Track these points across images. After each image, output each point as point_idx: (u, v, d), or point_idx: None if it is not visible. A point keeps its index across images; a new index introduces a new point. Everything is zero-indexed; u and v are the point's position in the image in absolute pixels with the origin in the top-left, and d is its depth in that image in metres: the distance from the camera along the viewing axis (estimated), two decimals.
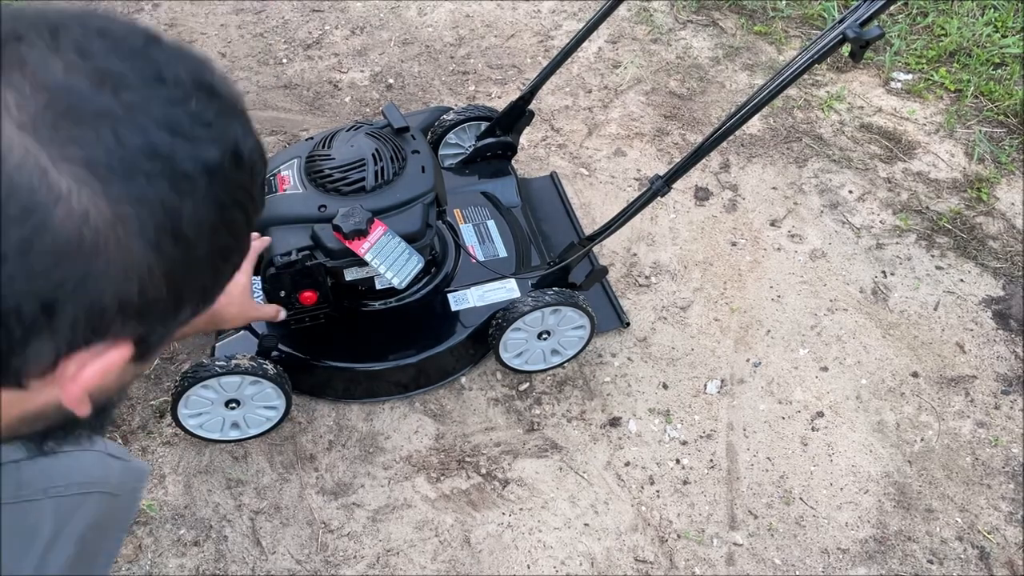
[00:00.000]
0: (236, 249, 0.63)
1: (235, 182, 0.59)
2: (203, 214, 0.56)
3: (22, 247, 0.49)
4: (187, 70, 0.57)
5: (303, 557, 1.84)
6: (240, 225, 0.61)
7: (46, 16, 0.54)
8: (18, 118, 0.50)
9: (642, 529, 1.92)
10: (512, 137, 2.32)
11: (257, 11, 3.06)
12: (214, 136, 0.57)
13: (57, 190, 0.50)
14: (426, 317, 2.02)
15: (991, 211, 2.55)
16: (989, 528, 1.96)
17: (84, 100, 0.52)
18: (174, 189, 0.54)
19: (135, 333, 0.58)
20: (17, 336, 0.52)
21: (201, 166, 0.55)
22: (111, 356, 0.58)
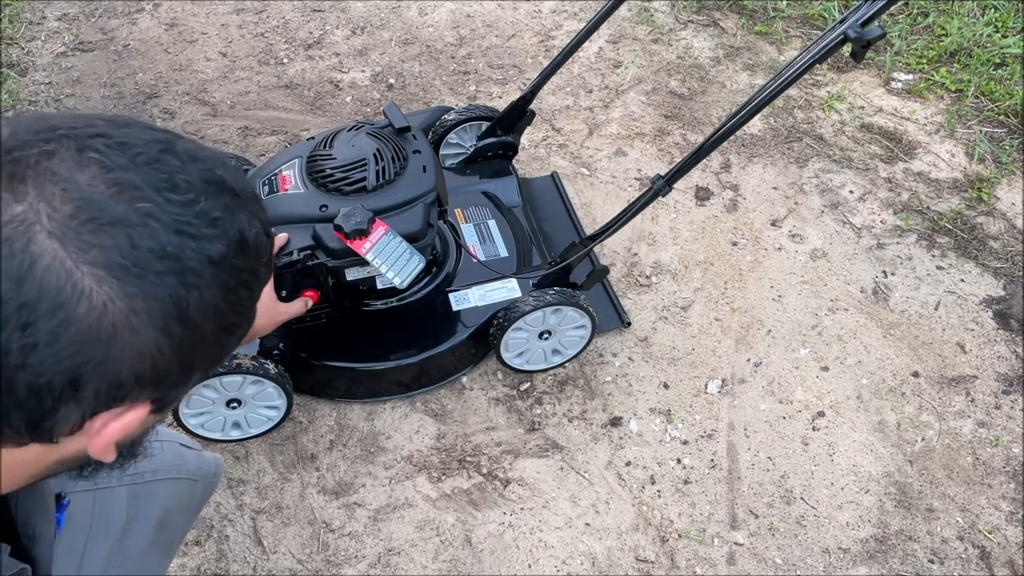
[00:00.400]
0: (241, 323, 0.72)
1: (240, 267, 0.68)
2: (208, 300, 0.66)
3: (51, 337, 0.60)
4: (198, 171, 0.66)
5: (304, 557, 1.85)
6: (245, 303, 0.71)
7: (75, 131, 0.64)
8: (49, 227, 0.60)
9: (643, 529, 1.92)
10: (513, 137, 2.32)
11: (258, 11, 3.06)
12: (220, 231, 0.66)
13: (80, 289, 0.60)
14: (427, 317, 2.03)
15: (992, 211, 2.55)
16: (990, 528, 1.96)
17: (104, 210, 0.61)
18: (181, 283, 0.63)
19: (151, 397, 0.68)
20: (48, 405, 0.62)
21: (206, 260, 0.64)
22: (130, 416, 0.68)
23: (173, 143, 0.67)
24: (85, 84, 2.78)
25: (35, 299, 0.59)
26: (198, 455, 1.32)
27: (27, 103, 2.69)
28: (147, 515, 1.20)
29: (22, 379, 0.61)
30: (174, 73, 2.84)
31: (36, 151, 0.62)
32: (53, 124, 0.64)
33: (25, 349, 0.60)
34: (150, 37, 2.95)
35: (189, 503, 1.31)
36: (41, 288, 0.59)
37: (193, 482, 1.29)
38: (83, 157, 0.63)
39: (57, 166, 0.62)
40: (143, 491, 1.20)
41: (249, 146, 2.62)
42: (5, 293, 0.59)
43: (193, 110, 2.72)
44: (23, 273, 0.59)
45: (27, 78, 2.78)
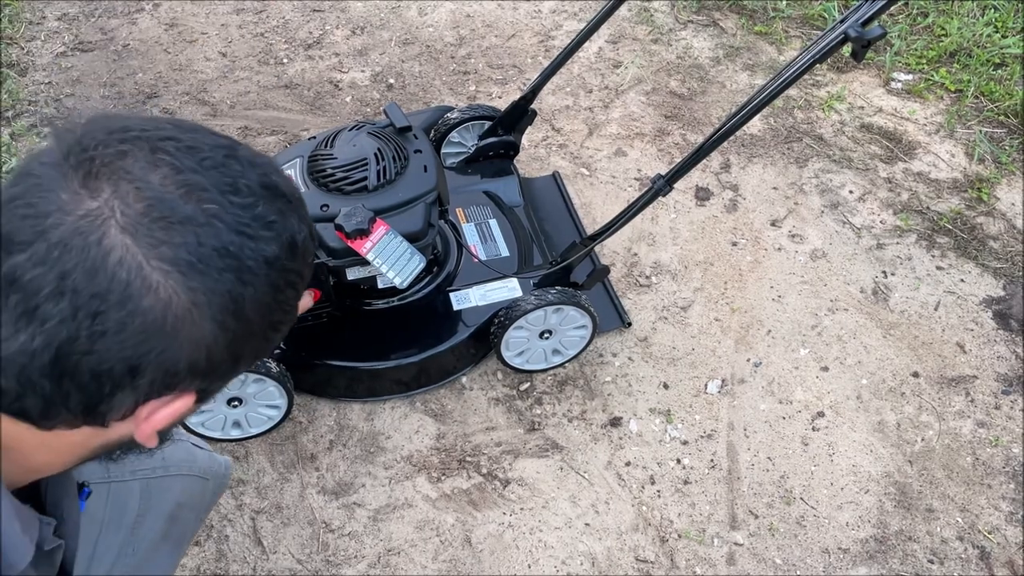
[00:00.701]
0: (285, 321, 0.76)
1: (289, 268, 0.72)
2: (261, 297, 0.70)
3: (119, 327, 0.63)
4: (257, 176, 0.71)
5: (304, 557, 1.84)
6: (291, 301, 0.75)
7: (147, 133, 0.68)
8: (122, 222, 0.64)
9: (643, 529, 1.92)
10: (514, 136, 2.32)
11: (258, 11, 3.06)
12: (274, 234, 0.70)
13: (148, 282, 0.64)
14: (428, 316, 2.03)
15: (991, 211, 2.56)
16: (989, 528, 1.96)
17: (174, 209, 0.65)
18: (239, 280, 0.67)
19: (199, 387, 0.72)
20: (107, 390, 0.66)
21: (262, 260, 0.69)
22: (178, 404, 0.72)
23: (236, 148, 0.72)
24: (85, 84, 2.78)
25: (106, 290, 0.63)
26: (209, 455, 1.35)
27: (27, 103, 2.69)
28: (159, 509, 1.24)
29: (86, 364, 0.64)
30: (174, 73, 2.83)
31: (112, 150, 0.66)
32: (126, 125, 0.69)
33: (93, 337, 0.63)
34: (150, 37, 2.95)
35: (200, 500, 1.34)
36: (112, 280, 0.63)
37: (204, 480, 1.32)
38: (155, 158, 0.67)
39: (131, 165, 0.66)
40: (156, 485, 1.23)
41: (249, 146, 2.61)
42: (79, 283, 0.62)
43: (193, 110, 2.72)
44: (96, 265, 0.62)
45: (27, 78, 2.78)
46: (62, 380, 0.65)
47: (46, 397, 0.66)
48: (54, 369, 0.64)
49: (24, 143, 2.57)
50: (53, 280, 0.62)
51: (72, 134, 0.67)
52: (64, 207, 0.63)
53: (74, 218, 0.63)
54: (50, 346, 0.63)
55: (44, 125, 2.63)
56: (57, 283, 0.62)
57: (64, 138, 0.67)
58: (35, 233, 0.63)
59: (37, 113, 2.66)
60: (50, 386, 0.65)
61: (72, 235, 0.63)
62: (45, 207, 0.64)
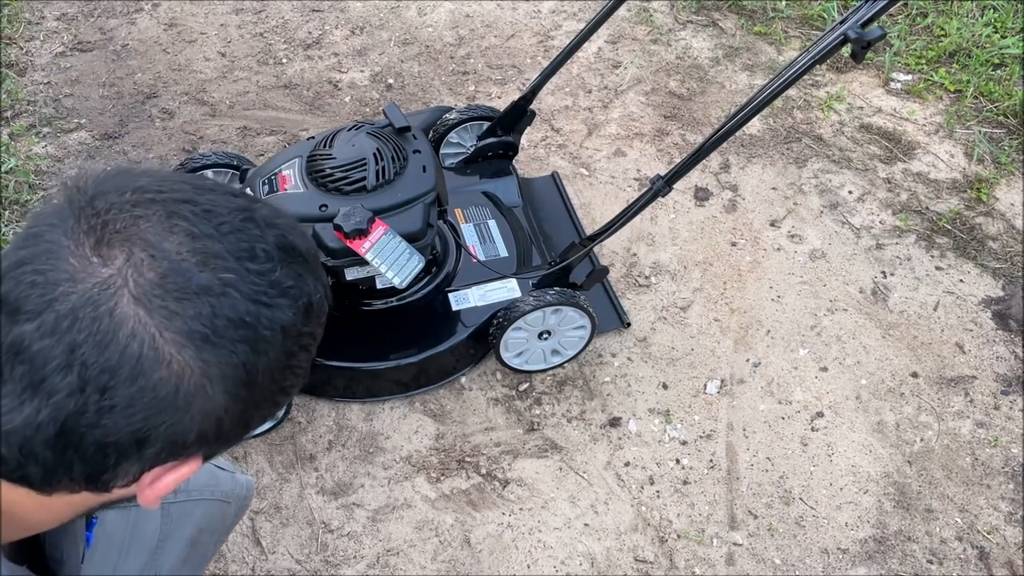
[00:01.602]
0: (296, 383, 0.74)
1: (303, 332, 0.70)
2: (274, 364, 0.68)
3: (128, 401, 0.62)
4: (274, 238, 0.68)
5: (303, 557, 1.84)
6: (303, 364, 0.73)
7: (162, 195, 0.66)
8: (135, 292, 0.61)
9: (642, 529, 1.92)
10: (513, 137, 2.32)
11: (257, 11, 3.06)
12: (291, 300, 0.68)
13: (161, 356, 0.62)
14: (427, 316, 2.02)
15: (991, 211, 2.56)
16: (989, 528, 1.96)
17: (189, 279, 0.63)
18: (254, 350, 0.66)
19: (207, 452, 0.71)
20: (111, 461, 0.65)
21: (278, 328, 0.67)
22: (183, 470, 0.70)
23: (253, 210, 0.69)
24: (84, 84, 2.77)
25: (116, 364, 0.61)
26: (231, 477, 1.33)
27: (26, 103, 2.69)
28: (180, 533, 1.22)
29: (92, 437, 0.63)
30: (173, 73, 2.83)
31: (125, 215, 0.64)
32: (141, 186, 0.66)
33: (102, 411, 0.61)
34: (149, 37, 2.95)
35: (220, 524, 1.33)
36: (123, 354, 0.61)
37: (226, 504, 1.31)
38: (171, 223, 0.64)
39: (146, 231, 0.63)
40: (177, 510, 1.22)
41: (248, 146, 2.61)
42: (88, 356, 0.60)
43: (192, 110, 2.72)
44: (107, 338, 0.60)
45: (26, 78, 2.78)
46: (66, 451, 0.63)
47: (48, 467, 0.64)
48: (59, 441, 0.63)
49: (23, 143, 2.57)
50: (62, 353, 0.60)
51: (83, 195, 0.65)
52: (75, 275, 0.61)
53: (85, 287, 0.61)
54: (56, 419, 0.61)
55: (43, 125, 2.63)
56: (66, 356, 0.60)
57: (75, 199, 0.65)
58: (44, 302, 0.61)
59: (36, 113, 2.66)
60: (53, 457, 0.64)
61: (83, 305, 0.60)
62: (55, 275, 0.61)
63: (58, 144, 2.59)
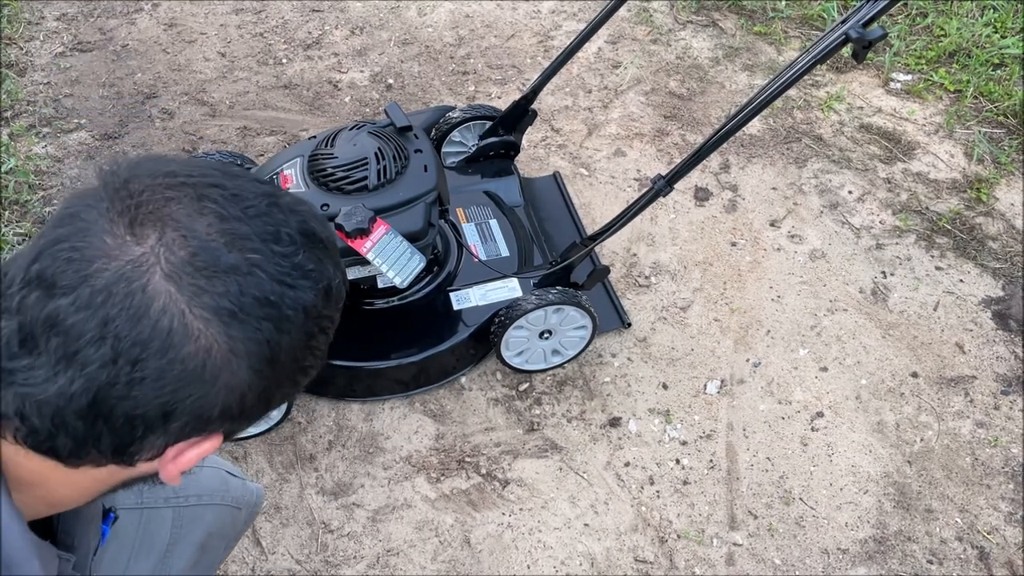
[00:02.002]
0: (315, 365, 0.76)
1: (323, 315, 0.73)
2: (296, 344, 0.70)
3: (158, 374, 0.64)
4: (297, 223, 0.71)
5: (303, 557, 1.84)
6: (321, 346, 0.75)
7: (193, 179, 0.69)
8: (166, 269, 0.64)
9: (642, 529, 1.92)
10: (515, 136, 2.32)
11: (257, 11, 3.06)
12: (312, 282, 0.70)
13: (190, 331, 0.64)
14: (428, 316, 2.02)
15: (991, 211, 2.56)
16: (989, 528, 1.96)
17: (218, 258, 0.65)
18: (277, 329, 0.68)
19: (228, 429, 0.73)
20: (139, 433, 0.67)
21: (301, 309, 0.69)
22: (206, 446, 0.72)
23: (277, 196, 0.72)
24: (84, 84, 2.77)
25: (148, 337, 0.63)
26: (242, 484, 1.34)
27: (25, 103, 2.69)
28: (190, 538, 1.23)
29: (122, 408, 0.65)
30: (173, 73, 2.83)
31: (159, 196, 0.67)
32: (173, 170, 0.69)
33: (132, 383, 0.64)
34: (149, 37, 2.94)
35: (231, 529, 1.33)
36: (155, 327, 0.63)
37: (236, 510, 1.31)
38: (201, 206, 0.67)
39: (177, 212, 0.66)
40: (188, 514, 1.23)
41: (248, 146, 2.61)
42: (121, 329, 0.63)
43: (192, 110, 2.72)
44: (139, 312, 0.63)
45: (25, 78, 2.78)
46: (96, 422, 0.65)
47: (77, 438, 0.67)
48: (90, 412, 0.65)
49: (23, 143, 2.57)
50: (96, 325, 0.63)
51: (118, 177, 0.68)
52: (109, 252, 0.64)
53: (119, 264, 0.63)
54: (88, 390, 0.64)
55: (43, 125, 2.63)
56: (99, 328, 0.63)
57: (110, 181, 0.68)
58: (79, 277, 0.63)
59: (36, 113, 2.66)
60: (83, 428, 0.66)
61: (116, 281, 0.63)
62: (90, 252, 0.64)
63: (58, 144, 2.59)
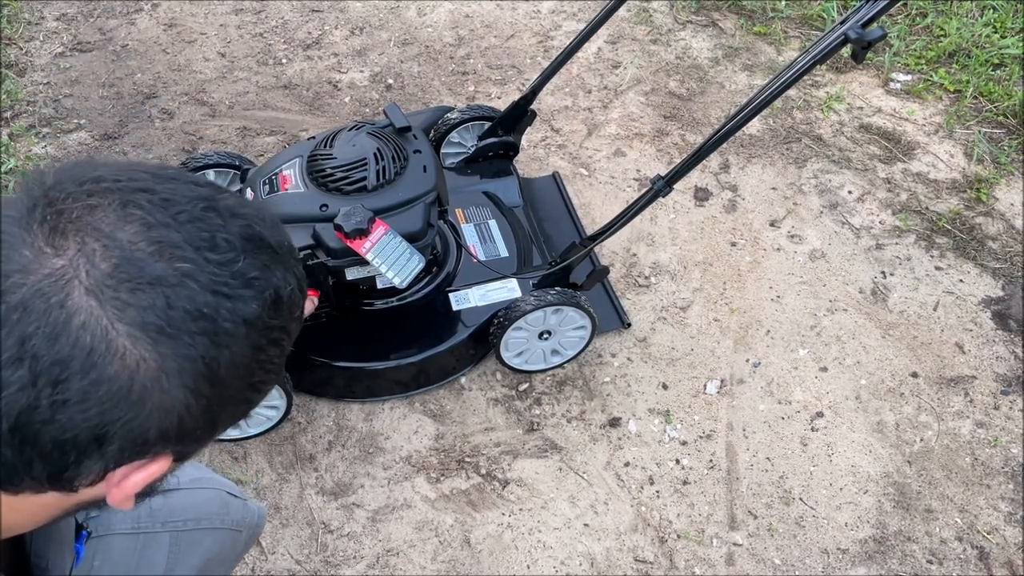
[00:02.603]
0: (269, 380, 0.71)
1: (272, 326, 0.67)
2: (239, 359, 0.65)
3: (82, 395, 0.60)
4: (239, 228, 0.66)
5: (303, 557, 1.84)
6: (274, 360, 0.70)
7: (119, 184, 0.64)
8: (87, 283, 0.59)
9: (642, 529, 1.92)
10: (514, 137, 2.32)
11: (256, 11, 3.06)
12: (255, 291, 0.65)
13: (114, 348, 0.60)
14: (427, 316, 2.02)
15: (990, 211, 2.56)
16: (988, 528, 1.96)
17: (143, 269, 0.61)
18: (213, 343, 0.63)
19: (174, 450, 0.68)
20: (72, 458, 0.63)
21: (241, 320, 0.64)
22: (152, 469, 0.68)
23: (216, 200, 0.67)
24: (83, 84, 2.77)
25: (68, 356, 0.59)
26: (243, 505, 1.31)
27: (25, 103, 2.69)
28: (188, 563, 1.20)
29: (48, 433, 0.61)
30: (173, 73, 2.83)
31: (80, 204, 0.62)
32: (99, 175, 0.65)
33: (55, 405, 0.60)
34: (148, 37, 2.94)
35: (231, 553, 1.30)
36: (75, 346, 0.59)
37: (236, 532, 1.28)
38: (126, 212, 0.63)
39: (99, 221, 0.62)
40: (186, 538, 1.19)
41: (248, 146, 2.61)
42: (39, 349, 0.59)
43: (192, 110, 2.72)
44: (58, 330, 0.59)
45: (25, 78, 2.78)
46: (23, 448, 0.62)
47: (8, 465, 0.63)
48: (14, 437, 0.61)
49: (23, 143, 2.57)
50: (13, 345, 0.58)
51: (41, 185, 0.63)
52: (27, 266, 0.60)
53: (36, 278, 0.59)
54: (9, 415, 0.59)
55: (43, 125, 2.63)
56: (17, 348, 0.58)
57: (32, 189, 0.63)
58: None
59: (36, 113, 2.66)
60: (11, 454, 0.62)
61: (34, 296, 0.59)
62: (6, 266, 0.60)
63: (58, 144, 2.59)
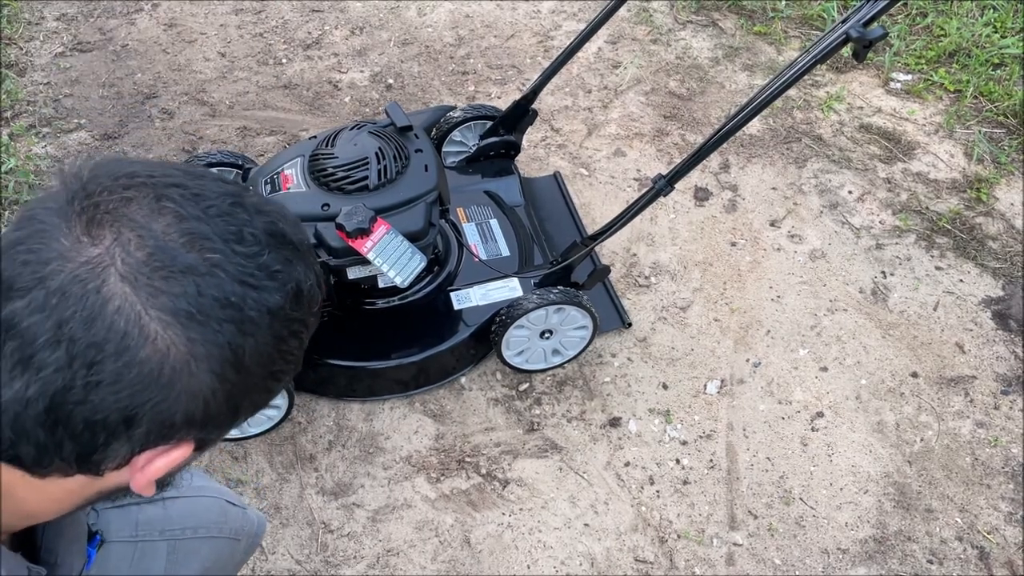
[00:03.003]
0: (288, 371, 0.73)
1: (293, 318, 0.70)
2: (263, 348, 0.68)
3: (115, 377, 0.62)
4: (263, 224, 0.69)
5: (303, 557, 1.84)
6: (294, 351, 0.73)
7: (153, 179, 0.67)
8: (122, 270, 0.63)
9: (642, 529, 1.92)
10: (515, 136, 2.32)
11: (257, 11, 3.06)
12: (279, 284, 0.68)
13: (147, 333, 0.63)
14: (428, 316, 2.02)
15: (990, 211, 2.56)
16: (989, 528, 1.96)
17: (175, 258, 0.64)
18: (240, 331, 0.66)
19: (197, 436, 0.71)
20: (101, 440, 0.65)
21: (265, 310, 0.67)
22: (174, 455, 0.70)
23: (243, 196, 0.70)
24: (84, 84, 2.77)
25: (103, 339, 0.62)
26: (242, 513, 1.31)
27: (25, 103, 2.69)
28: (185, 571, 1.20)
29: (80, 414, 0.63)
30: (173, 73, 2.83)
31: (116, 197, 0.65)
32: (133, 171, 0.68)
33: (88, 387, 0.62)
34: (149, 37, 2.94)
35: (229, 561, 1.30)
36: (110, 329, 0.62)
37: (235, 541, 1.28)
38: (160, 205, 0.66)
39: (135, 212, 0.65)
40: (183, 547, 1.20)
41: (248, 146, 2.61)
42: (76, 331, 0.61)
43: (192, 110, 2.72)
44: (94, 314, 0.62)
45: (25, 78, 2.78)
46: (56, 429, 0.64)
47: (39, 445, 0.65)
48: (48, 418, 0.63)
49: (23, 143, 2.57)
50: (51, 328, 0.61)
51: (78, 179, 0.67)
52: (65, 254, 0.63)
53: (74, 265, 0.62)
54: (45, 395, 0.62)
55: (43, 125, 2.63)
56: (54, 331, 0.61)
57: (70, 183, 0.67)
58: (35, 279, 0.62)
59: (36, 113, 2.66)
60: (44, 435, 0.64)
61: (71, 282, 0.62)
62: (46, 253, 0.63)
63: (58, 144, 2.58)
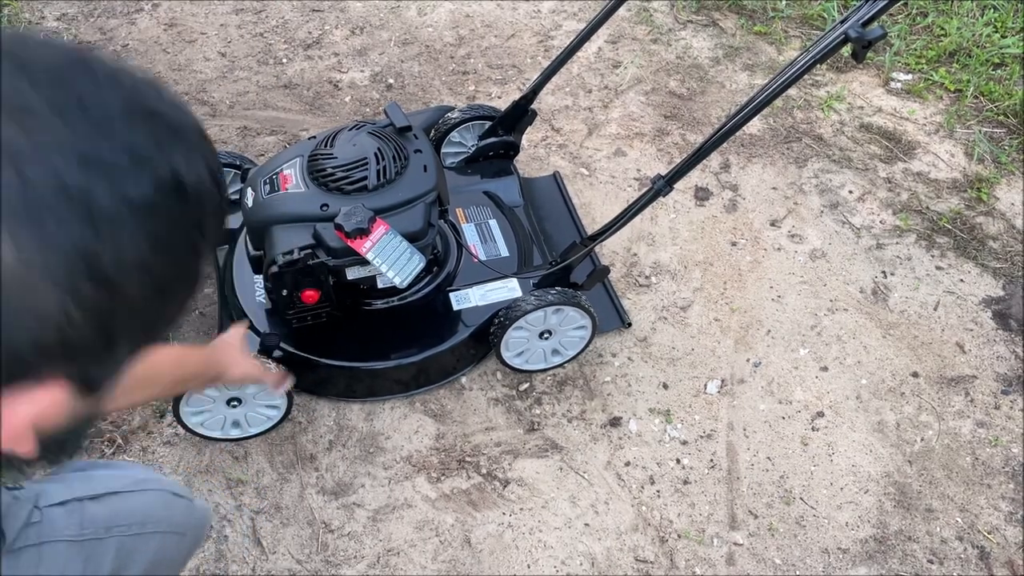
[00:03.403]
0: (180, 284, 0.59)
1: (174, 216, 0.55)
2: (131, 253, 0.52)
3: None
4: (121, 96, 0.54)
5: (303, 557, 1.84)
6: (184, 259, 0.58)
7: None
8: None
9: (642, 529, 1.92)
10: (514, 136, 2.32)
11: (257, 11, 3.06)
12: (143, 169, 0.53)
13: None
14: (428, 316, 2.02)
15: (991, 211, 2.56)
16: (989, 528, 1.96)
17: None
18: (91, 230, 0.50)
19: (66, 372, 0.55)
20: None
21: (126, 204, 0.52)
22: (41, 396, 0.55)
23: (88, 60, 0.55)
24: None
25: None
26: (187, 505, 1.28)
27: None
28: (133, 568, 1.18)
29: None
30: (173, 73, 2.83)
31: None
32: None
33: None
34: (149, 37, 2.95)
35: (176, 555, 1.29)
36: None
37: (180, 536, 1.26)
38: None
39: None
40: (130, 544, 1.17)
41: (248, 146, 2.61)
42: None
43: (192, 110, 2.71)
44: None
45: None
46: None
47: None
48: None
49: None
50: None
51: None
52: None
53: None
54: None
55: None
56: None
57: None
58: None
59: None
60: None
61: None
62: None
63: None
